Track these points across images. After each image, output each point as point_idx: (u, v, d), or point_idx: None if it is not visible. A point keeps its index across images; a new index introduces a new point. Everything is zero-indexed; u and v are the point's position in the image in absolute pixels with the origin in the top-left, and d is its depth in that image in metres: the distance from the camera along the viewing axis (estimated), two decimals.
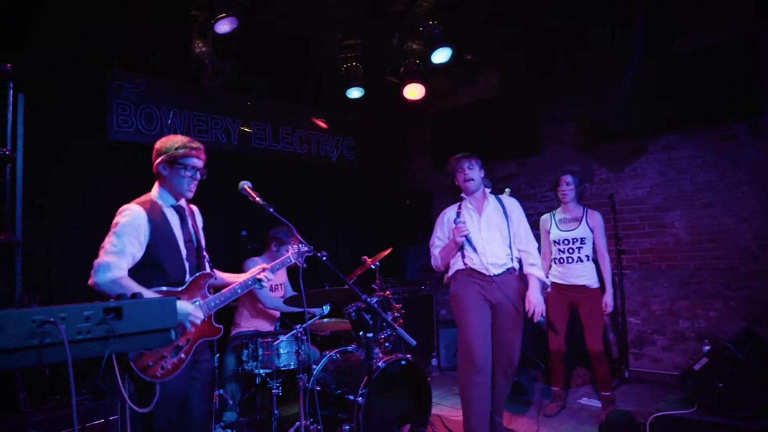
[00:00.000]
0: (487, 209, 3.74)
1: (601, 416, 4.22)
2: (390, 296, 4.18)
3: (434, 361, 6.04)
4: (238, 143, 5.53)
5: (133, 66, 4.71)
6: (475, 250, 3.63)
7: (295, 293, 4.48)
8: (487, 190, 3.86)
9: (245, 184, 2.67)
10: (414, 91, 5.87)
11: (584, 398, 4.81)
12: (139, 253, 2.43)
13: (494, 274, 3.60)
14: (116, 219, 2.45)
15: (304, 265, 2.93)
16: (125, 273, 2.36)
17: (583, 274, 4.37)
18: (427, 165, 7.35)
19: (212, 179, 5.39)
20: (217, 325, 2.65)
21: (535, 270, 3.72)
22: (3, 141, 2.72)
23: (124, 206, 2.50)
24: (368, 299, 2.38)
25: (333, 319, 4.64)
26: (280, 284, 4.63)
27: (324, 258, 2.49)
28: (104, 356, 1.46)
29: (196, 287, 2.59)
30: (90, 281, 2.34)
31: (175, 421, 2.47)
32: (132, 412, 2.25)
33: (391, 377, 3.63)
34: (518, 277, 3.77)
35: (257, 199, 2.61)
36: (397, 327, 2.25)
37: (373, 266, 4.33)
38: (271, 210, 2.56)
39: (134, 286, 2.32)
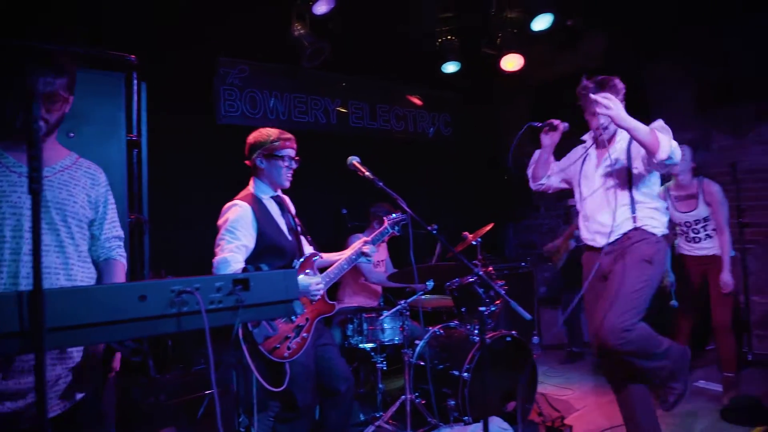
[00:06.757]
0: None
1: (722, 400, 3.95)
2: (492, 272, 4.11)
3: (535, 339, 5.90)
4: (337, 123, 5.63)
5: (237, 52, 4.92)
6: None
7: (397, 270, 4.53)
8: None
9: (354, 159, 2.71)
10: (512, 62, 5.67)
11: (702, 381, 4.51)
12: (251, 244, 2.56)
13: None
14: (225, 216, 2.58)
15: (398, 233, 2.98)
16: (243, 265, 2.48)
17: (713, 246, 4.10)
18: (525, 138, 7.09)
19: (312, 159, 5.55)
20: (330, 302, 2.77)
21: None
22: (130, 127, 2.93)
23: (229, 203, 2.63)
24: (480, 272, 2.35)
25: (434, 296, 4.64)
26: (382, 260, 4.69)
27: (434, 231, 2.48)
28: (235, 325, 1.52)
29: (306, 268, 2.71)
30: None
31: (314, 390, 2.67)
32: (257, 386, 2.42)
33: (496, 354, 3.59)
34: None
35: (366, 173, 2.64)
36: (511, 300, 2.20)
37: (474, 242, 4.27)
38: (381, 184, 2.59)
39: None
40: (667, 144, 2.63)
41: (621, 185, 2.98)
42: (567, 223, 5.87)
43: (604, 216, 3.01)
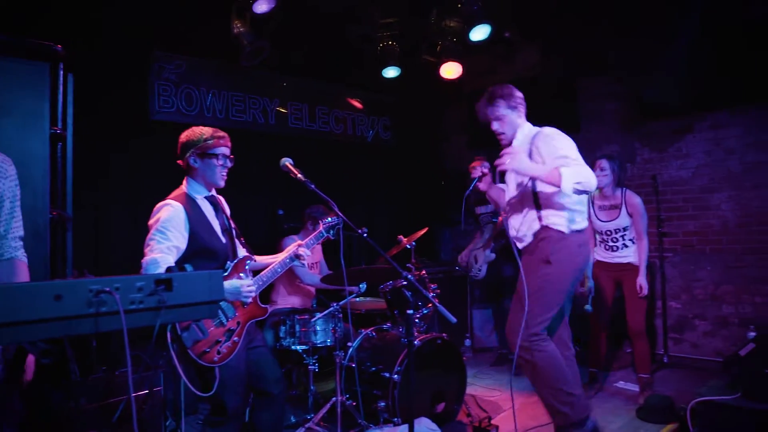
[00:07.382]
0: None
1: (638, 399, 4.18)
2: (425, 276, 4.18)
3: (468, 342, 6.04)
4: (275, 123, 5.58)
5: (173, 47, 4.79)
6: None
7: (332, 272, 4.55)
8: None
9: (287, 161, 2.70)
10: (451, 70, 5.79)
11: (621, 382, 4.75)
12: (183, 245, 2.51)
13: None
14: (156, 216, 2.52)
15: (333, 237, 2.99)
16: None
17: (629, 254, 4.31)
18: (463, 144, 7.27)
19: (250, 159, 5.53)
20: (263, 305, 2.75)
21: None
22: (54, 120, 2.81)
23: (161, 203, 2.57)
24: (408, 276, 2.39)
25: (368, 298, 4.67)
26: (316, 262, 4.68)
27: (365, 234, 2.51)
28: (155, 326, 1.50)
29: (239, 270, 2.67)
30: None
31: (244, 394, 2.65)
32: (186, 388, 2.37)
33: (427, 356, 3.65)
34: None
35: (299, 175, 2.64)
36: (438, 304, 2.25)
37: (408, 246, 4.33)
38: (313, 186, 2.59)
39: None
40: (568, 182, 2.73)
41: (525, 187, 3.09)
42: (479, 233, 5.84)
43: (516, 220, 3.15)
